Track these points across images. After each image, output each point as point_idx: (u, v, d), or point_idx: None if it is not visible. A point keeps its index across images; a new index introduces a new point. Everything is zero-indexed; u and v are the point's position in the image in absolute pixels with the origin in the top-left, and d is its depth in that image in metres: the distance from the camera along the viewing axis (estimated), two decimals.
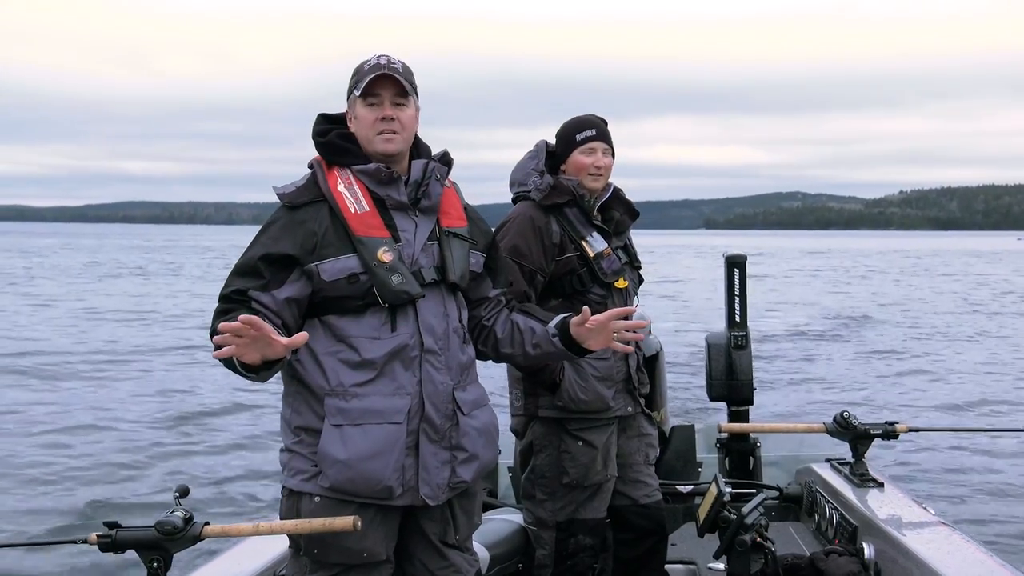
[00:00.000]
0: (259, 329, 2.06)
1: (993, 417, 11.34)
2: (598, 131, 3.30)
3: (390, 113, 2.40)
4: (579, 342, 2.55)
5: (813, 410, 11.24)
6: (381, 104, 2.41)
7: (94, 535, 2.35)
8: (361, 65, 2.45)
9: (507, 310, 2.67)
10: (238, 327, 2.04)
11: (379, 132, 2.40)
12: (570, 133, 3.32)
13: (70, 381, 13.41)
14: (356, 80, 2.43)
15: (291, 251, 2.33)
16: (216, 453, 9.28)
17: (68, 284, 34.07)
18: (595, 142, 3.28)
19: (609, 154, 3.31)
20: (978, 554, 2.94)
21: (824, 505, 3.81)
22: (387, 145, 2.41)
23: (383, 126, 2.40)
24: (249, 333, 2.05)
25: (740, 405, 4.80)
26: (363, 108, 2.42)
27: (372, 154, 2.43)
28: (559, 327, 2.57)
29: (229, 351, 2.07)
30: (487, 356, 2.66)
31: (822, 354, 16.81)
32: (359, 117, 2.43)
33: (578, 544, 3.32)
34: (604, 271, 3.24)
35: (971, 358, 16.37)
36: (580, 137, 3.29)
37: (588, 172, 3.27)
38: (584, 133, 3.29)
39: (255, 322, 2.05)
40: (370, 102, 2.41)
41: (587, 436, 3.26)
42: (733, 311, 4.84)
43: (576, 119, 3.36)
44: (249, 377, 2.20)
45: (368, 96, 2.40)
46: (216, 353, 2.10)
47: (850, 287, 35.79)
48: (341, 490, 2.33)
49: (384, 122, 2.40)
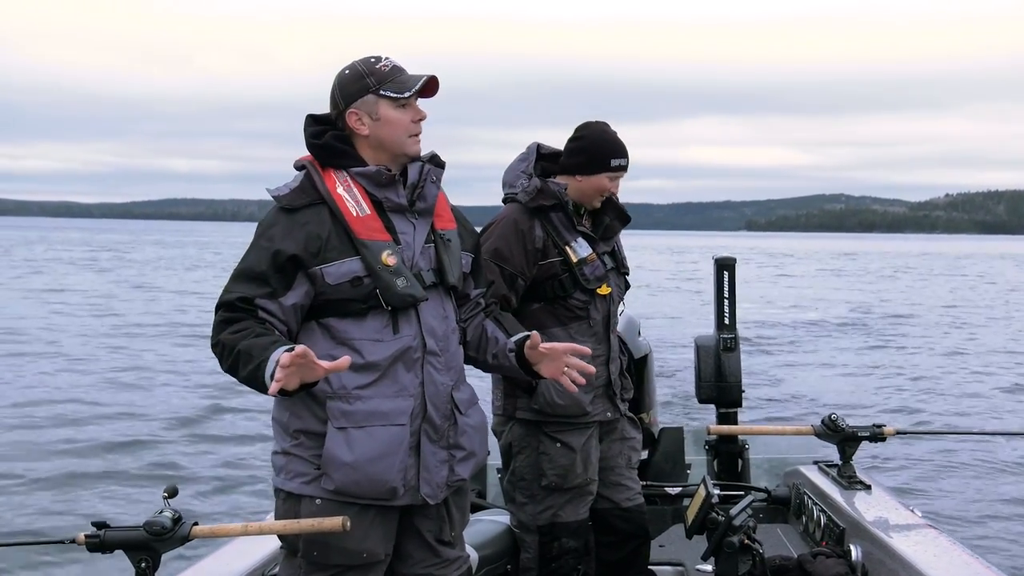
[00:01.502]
0: (308, 359, 2.07)
1: (980, 420, 11.39)
2: (627, 162, 3.27)
3: (425, 114, 2.42)
4: (531, 363, 2.55)
5: (807, 408, 11.30)
6: (412, 106, 2.41)
7: (82, 535, 2.34)
8: (377, 67, 2.39)
9: (483, 314, 2.67)
10: (292, 359, 2.05)
11: (413, 134, 2.41)
12: (606, 155, 3.24)
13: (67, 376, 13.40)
14: (379, 80, 2.38)
15: (296, 253, 2.30)
16: (206, 453, 9.26)
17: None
18: (623, 172, 3.27)
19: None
20: (964, 556, 2.95)
21: (812, 507, 3.83)
22: (416, 147, 2.42)
23: (417, 128, 2.41)
24: (299, 363, 2.07)
25: (729, 407, 4.81)
26: (394, 110, 2.38)
27: (398, 156, 2.41)
28: (517, 343, 2.57)
29: (281, 384, 2.06)
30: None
31: (821, 350, 16.89)
32: (388, 118, 2.38)
33: (562, 547, 3.31)
34: (587, 277, 3.22)
35: (967, 362, 16.43)
36: (615, 164, 3.24)
37: (600, 195, 3.26)
38: (619, 161, 3.24)
39: (308, 354, 2.07)
40: (402, 103, 2.39)
41: (565, 438, 3.25)
42: (722, 313, 4.86)
43: (612, 140, 3.27)
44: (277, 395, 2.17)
45: (400, 98, 2.38)
46: (272, 389, 2.08)
47: (869, 288, 35.86)
48: (346, 492, 2.32)
49: (416, 124, 2.41)
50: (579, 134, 3.30)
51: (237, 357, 2.21)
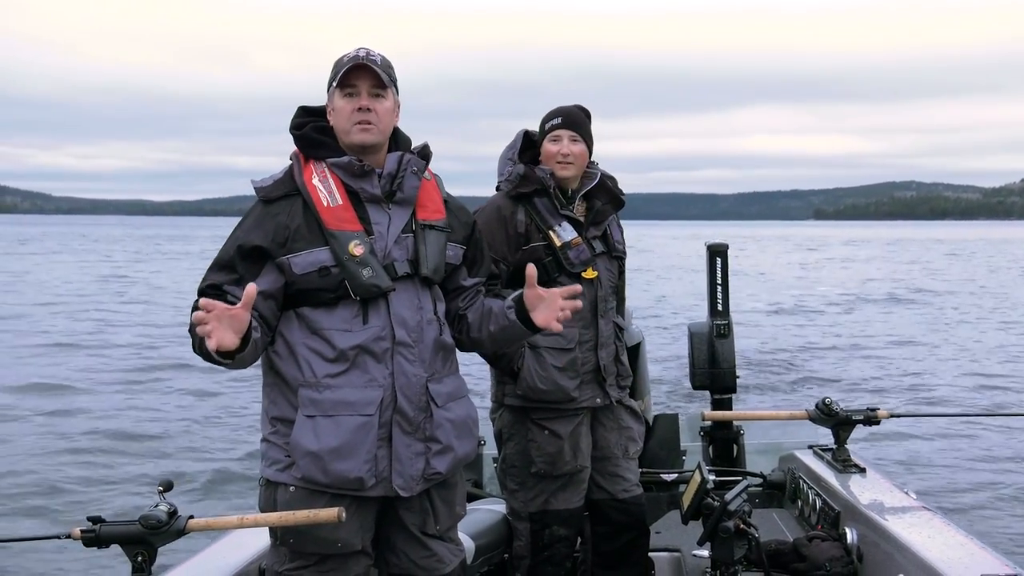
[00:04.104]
0: (213, 308, 2.10)
1: (976, 402, 11.45)
2: (565, 119, 3.26)
3: (366, 104, 2.40)
4: (529, 310, 2.51)
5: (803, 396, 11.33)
6: (358, 95, 2.41)
7: (78, 530, 2.34)
8: (341, 58, 2.45)
9: (481, 297, 2.66)
10: (200, 316, 2.09)
11: (356, 123, 2.40)
12: (542, 123, 3.31)
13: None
14: (334, 71, 2.43)
15: (262, 243, 2.34)
16: (201, 447, 9.25)
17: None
18: (560, 130, 3.25)
19: (578, 142, 3.26)
20: (959, 537, 2.96)
21: (807, 491, 3.84)
22: (363, 135, 2.41)
23: (360, 116, 2.40)
24: (209, 317, 2.09)
25: (723, 393, 4.82)
26: (340, 99, 2.42)
27: (348, 145, 2.43)
28: (515, 299, 2.56)
29: (211, 343, 2.09)
30: (463, 345, 2.65)
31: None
32: (336, 108, 2.43)
33: (553, 535, 3.32)
34: (571, 261, 3.22)
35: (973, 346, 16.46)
36: (547, 126, 3.28)
37: (556, 160, 3.25)
38: (551, 122, 3.28)
39: (207, 304, 2.10)
40: (347, 92, 2.41)
41: (552, 426, 3.25)
42: (715, 300, 4.86)
43: (553, 109, 3.34)
44: (226, 364, 2.22)
45: (345, 87, 2.41)
46: (207, 345, 2.11)
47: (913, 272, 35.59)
48: (312, 481, 2.34)
49: (360, 112, 2.40)
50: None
51: (194, 336, 2.24)
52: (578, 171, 3.29)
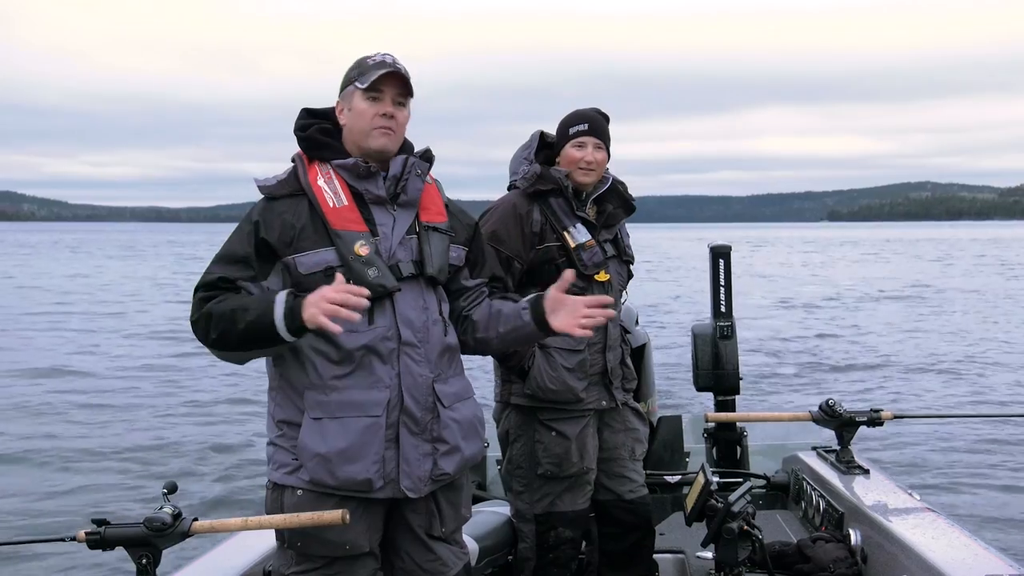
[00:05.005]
0: (351, 289, 2.17)
1: (979, 404, 11.42)
2: (591, 126, 3.28)
3: (391, 110, 2.42)
4: (547, 312, 2.49)
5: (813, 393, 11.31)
6: (383, 101, 2.42)
7: (82, 532, 2.34)
8: (364, 59, 2.45)
9: (487, 298, 2.67)
10: (343, 297, 2.16)
11: (378, 127, 2.42)
12: (564, 126, 3.31)
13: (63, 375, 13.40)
14: (358, 72, 2.43)
15: (271, 240, 2.36)
16: (205, 448, 9.26)
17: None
18: (585, 137, 3.27)
19: (602, 149, 3.28)
20: (963, 538, 2.96)
21: (811, 492, 3.84)
22: (384, 140, 2.42)
23: (383, 122, 2.42)
24: (341, 296, 2.15)
25: (726, 395, 4.82)
26: (364, 101, 2.42)
27: (365, 149, 2.44)
28: (531, 301, 2.55)
29: (327, 314, 2.16)
30: (467, 346, 2.65)
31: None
32: (357, 110, 2.43)
33: (559, 537, 3.32)
34: (584, 263, 3.23)
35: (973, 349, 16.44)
36: (572, 131, 3.28)
37: (579, 166, 3.26)
38: (576, 127, 3.28)
39: (348, 288, 2.18)
40: (372, 96, 2.42)
41: (559, 427, 3.26)
42: (719, 301, 4.86)
43: (574, 112, 3.34)
44: (286, 345, 2.26)
45: (372, 91, 2.41)
46: (327, 324, 2.16)
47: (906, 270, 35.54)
48: (320, 483, 2.34)
49: (384, 118, 2.41)
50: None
51: (232, 316, 2.24)
52: (597, 178, 3.31)
